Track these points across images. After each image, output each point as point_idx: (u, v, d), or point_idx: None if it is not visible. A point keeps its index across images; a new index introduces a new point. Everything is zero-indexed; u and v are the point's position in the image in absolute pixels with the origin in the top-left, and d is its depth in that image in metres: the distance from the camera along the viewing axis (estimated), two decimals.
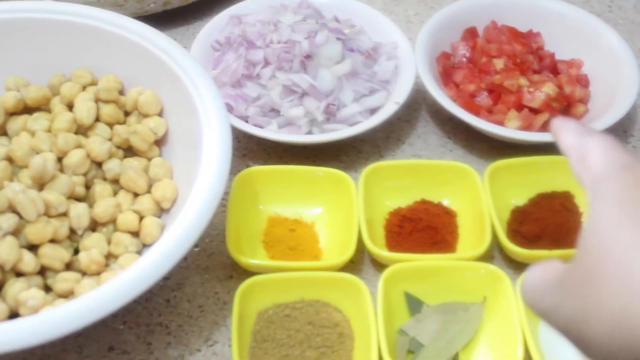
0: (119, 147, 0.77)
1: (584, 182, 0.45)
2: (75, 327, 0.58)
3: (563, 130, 0.49)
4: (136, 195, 0.74)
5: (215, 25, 0.96)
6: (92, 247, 0.69)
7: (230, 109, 0.86)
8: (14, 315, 0.64)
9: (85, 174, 0.74)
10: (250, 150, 0.89)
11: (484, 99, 0.90)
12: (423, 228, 0.79)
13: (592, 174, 0.44)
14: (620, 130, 0.94)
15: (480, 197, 0.79)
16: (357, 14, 0.97)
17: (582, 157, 0.46)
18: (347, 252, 0.74)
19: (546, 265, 0.45)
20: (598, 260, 0.39)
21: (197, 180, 0.67)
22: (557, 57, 0.97)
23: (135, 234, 0.72)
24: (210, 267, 0.78)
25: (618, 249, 0.38)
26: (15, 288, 0.64)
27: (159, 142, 0.78)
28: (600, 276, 0.38)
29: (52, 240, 0.68)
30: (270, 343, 0.70)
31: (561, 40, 0.98)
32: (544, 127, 0.88)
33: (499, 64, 0.91)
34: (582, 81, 0.94)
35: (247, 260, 0.74)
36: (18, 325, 0.57)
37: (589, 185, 0.44)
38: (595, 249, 0.39)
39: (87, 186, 0.74)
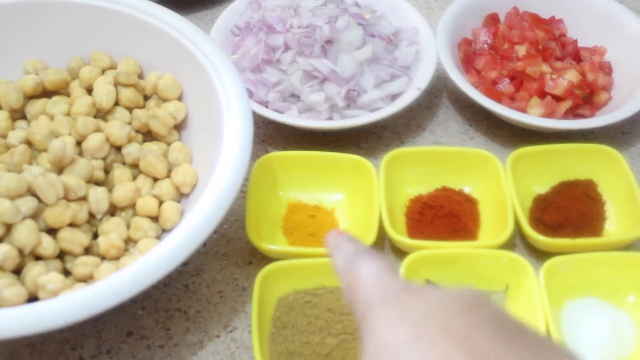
0: (138, 132, 0.76)
1: (355, 311, 0.45)
2: (94, 312, 0.57)
3: (336, 251, 0.49)
4: (155, 179, 0.74)
5: (235, 10, 0.95)
6: (111, 232, 0.68)
7: (250, 94, 0.85)
8: (33, 299, 0.63)
9: (104, 158, 0.73)
10: (270, 135, 0.89)
11: (505, 85, 0.89)
12: (444, 215, 0.78)
13: (362, 303, 0.44)
14: None
15: (502, 184, 0.78)
16: (377, 0, 0.96)
17: (353, 285, 0.46)
18: (368, 239, 0.73)
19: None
20: None
21: (217, 166, 0.66)
22: (580, 44, 0.96)
23: (155, 218, 0.71)
24: (230, 253, 0.77)
25: None
26: (35, 271, 0.64)
27: (179, 127, 0.78)
28: None
29: (71, 224, 0.68)
30: (290, 329, 0.69)
31: (584, 27, 0.97)
32: (567, 114, 0.87)
33: (521, 50, 0.90)
34: (605, 68, 0.93)
35: (267, 246, 0.73)
36: (37, 308, 0.57)
37: (360, 316, 0.44)
38: None
39: (106, 170, 0.74)
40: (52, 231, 0.67)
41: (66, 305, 0.57)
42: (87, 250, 0.69)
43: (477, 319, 0.39)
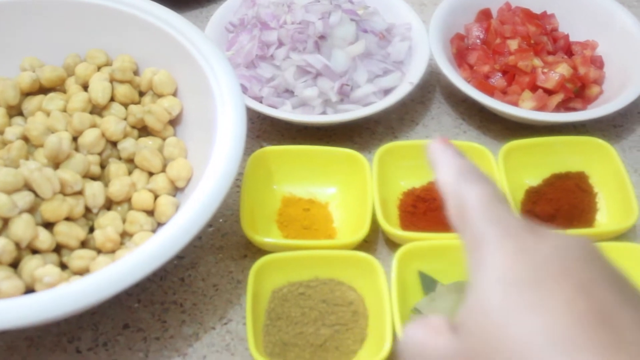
0: (133, 127, 0.77)
1: (463, 238, 0.42)
2: (89, 302, 0.58)
3: (441, 164, 0.46)
4: (151, 174, 0.75)
5: (229, 8, 0.96)
6: (107, 225, 0.69)
7: (244, 89, 0.86)
8: (30, 292, 0.64)
9: (100, 154, 0.74)
10: (264, 131, 0.90)
11: (498, 80, 0.90)
12: (437, 208, 0.79)
13: (472, 234, 0.41)
14: (635, 111, 0.93)
15: (494, 177, 0.79)
16: None
17: (461, 210, 0.43)
18: (362, 231, 0.74)
19: (430, 329, 0.41)
20: (487, 350, 0.37)
21: (211, 159, 0.67)
22: (572, 38, 0.96)
23: (150, 212, 0.72)
24: (225, 246, 0.78)
25: (507, 345, 0.36)
26: (31, 265, 0.65)
27: (174, 122, 0.78)
28: None
29: (68, 218, 0.69)
30: (284, 321, 0.70)
31: (576, 21, 0.98)
32: (559, 108, 0.88)
33: (513, 45, 0.91)
34: (597, 62, 0.94)
35: (262, 238, 0.74)
36: (33, 299, 0.58)
37: (469, 247, 0.41)
38: (484, 333, 0.37)
39: (102, 165, 0.75)
40: (48, 225, 0.68)
41: (62, 296, 0.58)
42: (84, 244, 0.69)
43: (599, 269, 0.38)
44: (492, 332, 0.37)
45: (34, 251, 0.67)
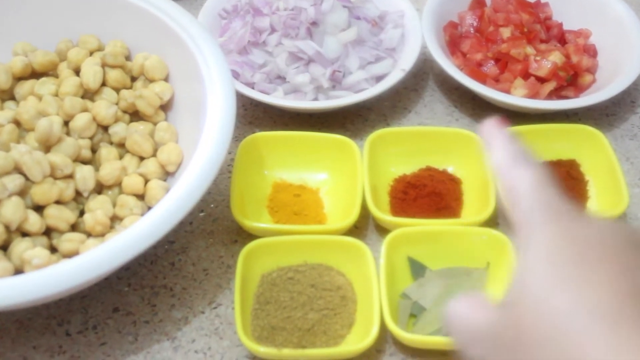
0: (125, 112, 0.77)
1: (513, 217, 0.44)
2: (78, 283, 0.59)
3: (494, 146, 0.47)
4: (142, 158, 0.75)
5: None
6: (97, 209, 0.69)
7: (236, 75, 0.86)
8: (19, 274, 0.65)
9: (91, 138, 0.74)
10: (257, 117, 0.90)
11: (490, 67, 0.90)
12: (427, 194, 0.79)
13: (521, 215, 0.43)
14: (628, 100, 0.93)
15: (485, 164, 0.79)
16: None
17: (513, 190, 0.44)
18: (351, 216, 0.74)
19: (474, 303, 0.43)
20: (530, 321, 0.38)
21: (199, 144, 0.68)
22: (565, 27, 0.96)
23: (141, 196, 0.73)
24: (215, 231, 0.78)
25: (547, 326, 0.37)
26: (21, 247, 0.65)
27: (165, 107, 0.79)
28: (533, 339, 0.37)
29: (58, 202, 0.69)
30: (272, 305, 0.70)
31: (569, 10, 0.98)
32: (551, 96, 0.88)
33: (505, 32, 0.91)
34: (590, 51, 0.94)
35: (251, 223, 0.74)
36: (21, 280, 0.58)
37: (518, 226, 0.43)
38: (528, 309, 0.38)
39: (93, 150, 0.75)
40: (39, 208, 0.68)
41: (51, 276, 0.59)
42: (74, 227, 0.70)
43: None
44: (536, 303, 0.38)
45: (24, 234, 0.67)
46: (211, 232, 0.78)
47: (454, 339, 0.44)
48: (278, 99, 0.85)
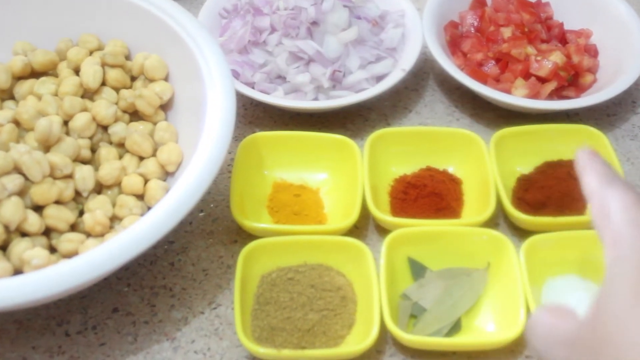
0: (124, 111, 0.77)
1: (603, 236, 0.45)
2: (77, 283, 0.59)
3: (588, 171, 0.49)
4: (141, 158, 0.75)
5: None
6: (97, 209, 0.69)
7: (236, 75, 0.86)
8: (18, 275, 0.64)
9: (91, 138, 0.74)
10: (257, 117, 0.90)
11: (491, 67, 0.90)
12: (427, 194, 0.79)
13: (611, 234, 0.45)
14: (628, 101, 0.93)
15: (485, 164, 0.79)
16: None
17: (603, 211, 0.46)
18: (351, 216, 0.74)
19: (559, 315, 0.46)
20: (612, 335, 0.41)
21: (199, 144, 0.67)
22: (566, 27, 0.96)
23: (140, 196, 0.72)
24: (215, 231, 0.78)
25: (632, 333, 0.40)
26: (20, 247, 0.65)
27: (165, 107, 0.78)
28: (617, 344, 0.40)
29: (58, 202, 0.69)
30: (272, 305, 0.70)
31: (570, 10, 0.98)
32: (552, 96, 0.88)
33: (506, 32, 0.91)
34: (591, 51, 0.94)
35: (251, 223, 0.74)
36: (21, 280, 0.58)
37: (609, 245, 0.45)
38: (611, 324, 0.41)
39: (93, 150, 0.75)
40: (38, 208, 0.68)
41: (50, 276, 0.59)
42: (73, 227, 0.70)
43: None
44: (623, 311, 0.41)
45: (23, 234, 0.67)
46: (211, 232, 0.78)
47: (536, 345, 0.47)
48: (278, 98, 0.85)
